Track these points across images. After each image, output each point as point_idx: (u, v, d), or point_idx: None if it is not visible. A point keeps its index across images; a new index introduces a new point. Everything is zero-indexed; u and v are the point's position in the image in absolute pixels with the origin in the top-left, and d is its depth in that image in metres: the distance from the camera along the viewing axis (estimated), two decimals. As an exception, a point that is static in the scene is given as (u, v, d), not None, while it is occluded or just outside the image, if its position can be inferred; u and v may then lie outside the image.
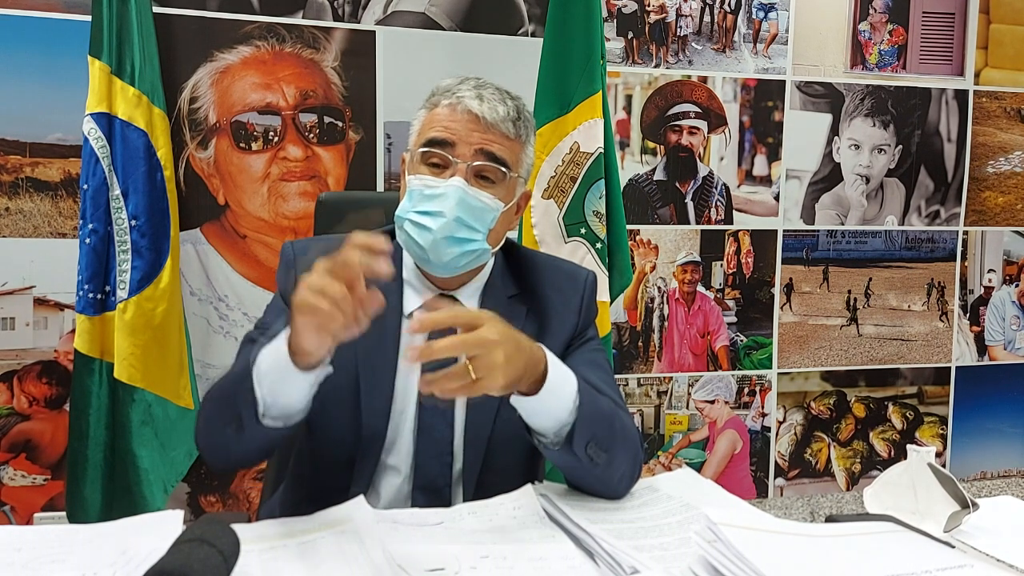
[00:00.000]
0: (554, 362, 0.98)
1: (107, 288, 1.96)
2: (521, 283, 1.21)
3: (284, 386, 0.92)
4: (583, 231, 2.08)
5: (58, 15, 2.08)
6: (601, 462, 1.00)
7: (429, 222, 1.06)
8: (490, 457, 1.13)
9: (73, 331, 1.99)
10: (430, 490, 1.12)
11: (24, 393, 2.14)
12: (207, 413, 1.04)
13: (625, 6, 2.51)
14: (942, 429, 2.95)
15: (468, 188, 1.07)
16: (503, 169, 1.09)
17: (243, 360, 1.00)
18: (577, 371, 1.12)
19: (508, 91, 1.14)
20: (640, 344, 2.62)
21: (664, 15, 2.55)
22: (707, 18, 2.59)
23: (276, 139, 2.24)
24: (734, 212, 2.67)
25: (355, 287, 0.85)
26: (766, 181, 2.69)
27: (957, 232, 2.89)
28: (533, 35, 2.41)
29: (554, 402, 0.96)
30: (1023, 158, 2.92)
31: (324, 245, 1.17)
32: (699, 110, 2.61)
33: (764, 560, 0.75)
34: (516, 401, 0.96)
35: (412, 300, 1.15)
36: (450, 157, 1.08)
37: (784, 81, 2.67)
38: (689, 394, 2.67)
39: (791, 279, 2.75)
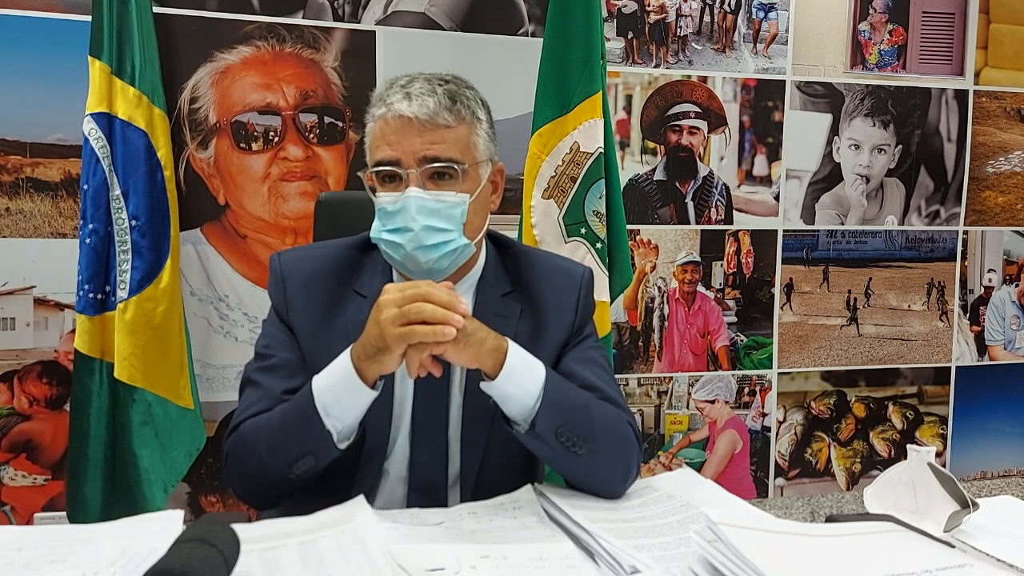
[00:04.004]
0: (517, 350, 1.02)
1: (107, 288, 1.96)
2: (515, 280, 1.20)
3: (356, 406, 1.01)
4: (583, 231, 2.08)
5: (58, 15, 2.08)
6: (582, 452, 1.02)
7: (399, 238, 1.06)
8: (488, 458, 1.13)
9: (73, 331, 1.99)
10: (426, 492, 1.12)
11: (24, 393, 2.14)
12: (259, 461, 1.04)
13: (625, 6, 2.51)
14: (942, 429, 2.94)
15: (425, 194, 1.06)
16: (453, 166, 1.08)
17: (265, 399, 1.08)
18: (574, 369, 1.14)
19: (442, 77, 1.12)
20: (640, 344, 2.62)
21: (664, 15, 2.55)
22: (707, 18, 2.59)
23: (276, 139, 2.24)
24: (734, 212, 2.67)
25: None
26: (766, 181, 2.69)
27: (957, 232, 2.89)
28: (533, 35, 2.41)
29: (514, 387, 1.00)
30: (1023, 158, 2.92)
31: (315, 255, 1.18)
32: (699, 110, 2.61)
33: (764, 560, 0.75)
34: (484, 386, 1.01)
35: None
36: (398, 170, 1.07)
37: (784, 81, 2.67)
38: (689, 394, 2.67)
39: (791, 279, 2.75)
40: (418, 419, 1.12)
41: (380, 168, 1.09)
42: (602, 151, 2.07)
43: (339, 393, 1.00)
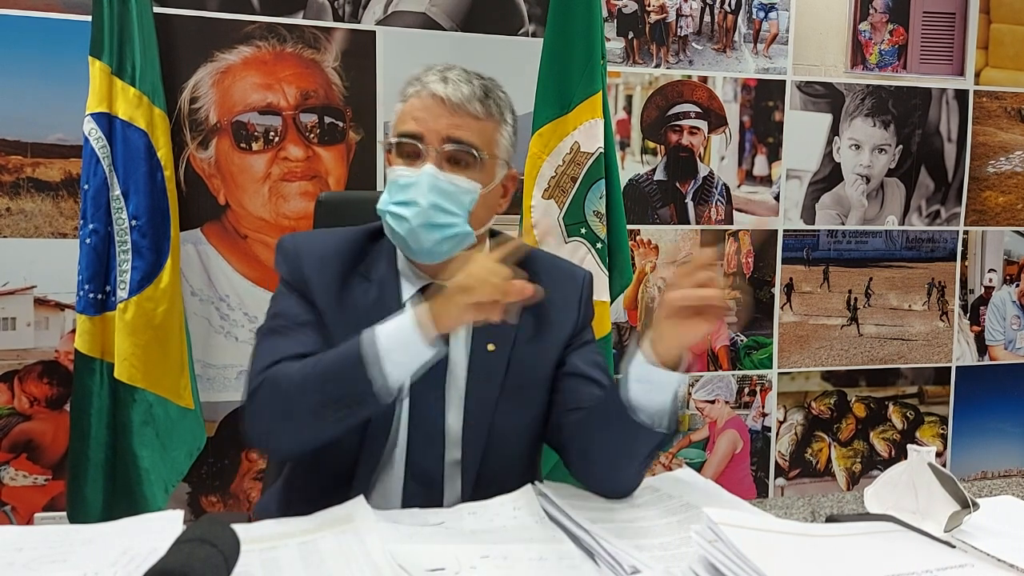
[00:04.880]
0: None
1: (107, 288, 1.96)
2: (517, 278, 1.21)
3: (410, 362, 0.98)
4: (583, 231, 2.08)
5: (58, 15, 2.08)
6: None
7: (405, 212, 1.07)
8: (490, 449, 1.14)
9: (74, 331, 1.99)
10: (423, 480, 1.12)
11: (25, 393, 2.14)
12: (294, 402, 1.01)
13: (625, 6, 2.51)
14: (942, 429, 2.94)
15: (439, 173, 1.07)
16: (473, 152, 1.09)
17: (298, 346, 1.06)
18: (582, 369, 1.16)
19: (479, 74, 1.14)
20: (640, 344, 2.61)
21: (664, 15, 2.55)
22: (707, 18, 2.59)
23: (276, 139, 2.24)
24: (734, 212, 2.67)
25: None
26: (766, 181, 2.69)
27: (957, 232, 2.89)
28: (533, 35, 2.41)
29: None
30: (1023, 158, 2.92)
31: (324, 238, 1.20)
32: (699, 110, 2.61)
33: (764, 560, 0.75)
34: (662, 374, 0.98)
35: (407, 290, 1.16)
36: (419, 145, 1.08)
37: (784, 81, 2.67)
38: (689, 394, 2.67)
39: (791, 279, 2.74)
40: (416, 406, 1.12)
41: (402, 139, 1.10)
42: (602, 151, 2.07)
43: (396, 344, 0.98)
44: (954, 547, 0.88)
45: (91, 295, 1.94)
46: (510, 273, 0.97)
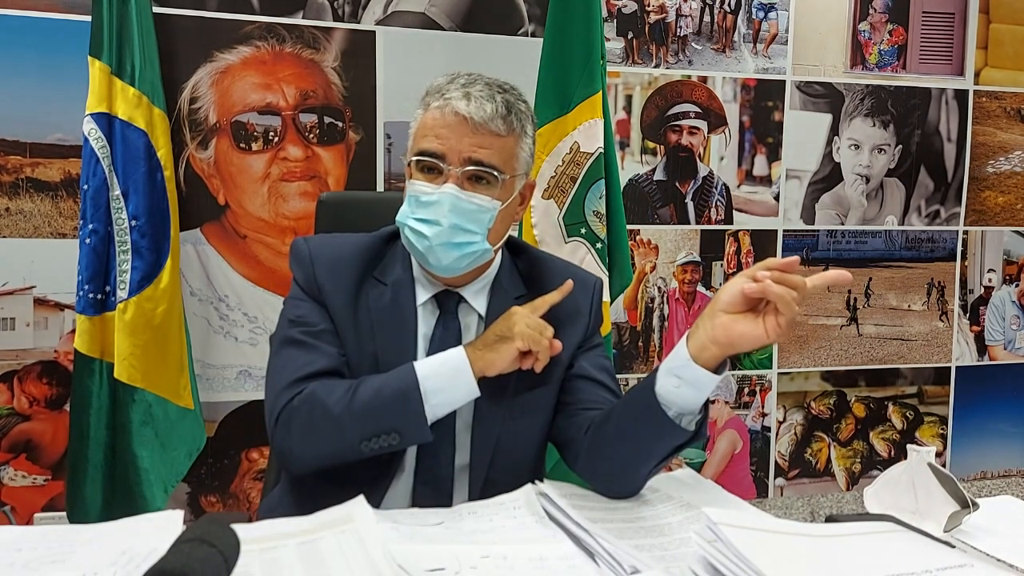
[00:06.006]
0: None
1: (107, 288, 1.96)
2: (528, 284, 1.22)
3: (454, 402, 1.07)
4: (583, 231, 2.08)
5: (58, 15, 2.08)
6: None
7: (426, 230, 1.08)
8: (499, 453, 1.14)
9: (73, 331, 1.99)
10: (432, 484, 1.13)
11: (24, 393, 2.14)
12: (334, 425, 1.04)
13: (625, 6, 2.51)
14: (942, 429, 2.94)
15: (461, 193, 1.08)
16: (495, 173, 1.10)
17: (324, 359, 1.10)
18: (591, 372, 1.18)
19: (501, 84, 1.14)
20: (640, 344, 2.62)
21: (664, 15, 2.55)
22: (707, 18, 2.59)
23: (276, 139, 2.24)
24: (734, 212, 2.67)
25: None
26: (766, 181, 2.69)
27: (957, 232, 2.89)
28: (533, 35, 2.41)
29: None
30: (1023, 158, 2.92)
31: (339, 243, 1.21)
32: (699, 110, 2.61)
33: (764, 560, 0.75)
34: (705, 376, 0.95)
35: (422, 295, 1.17)
36: (441, 164, 1.09)
37: (784, 81, 2.67)
38: (689, 394, 2.67)
39: (791, 279, 2.74)
40: None
41: (423, 158, 1.10)
42: (602, 151, 2.07)
43: (441, 385, 1.04)
44: (954, 547, 0.88)
45: (91, 295, 1.94)
46: (552, 331, 1.07)
